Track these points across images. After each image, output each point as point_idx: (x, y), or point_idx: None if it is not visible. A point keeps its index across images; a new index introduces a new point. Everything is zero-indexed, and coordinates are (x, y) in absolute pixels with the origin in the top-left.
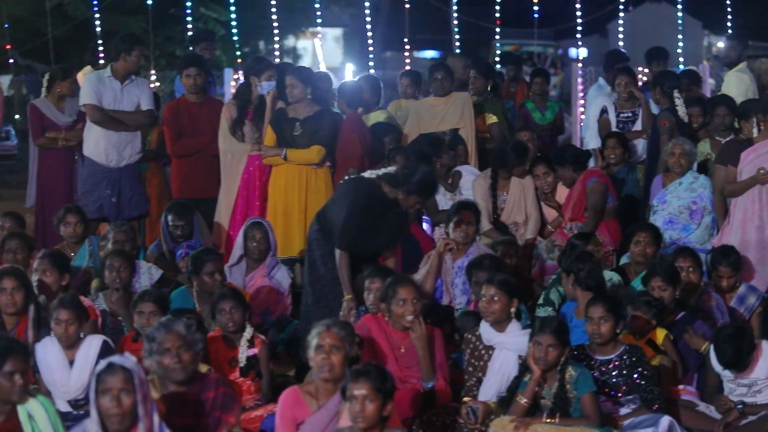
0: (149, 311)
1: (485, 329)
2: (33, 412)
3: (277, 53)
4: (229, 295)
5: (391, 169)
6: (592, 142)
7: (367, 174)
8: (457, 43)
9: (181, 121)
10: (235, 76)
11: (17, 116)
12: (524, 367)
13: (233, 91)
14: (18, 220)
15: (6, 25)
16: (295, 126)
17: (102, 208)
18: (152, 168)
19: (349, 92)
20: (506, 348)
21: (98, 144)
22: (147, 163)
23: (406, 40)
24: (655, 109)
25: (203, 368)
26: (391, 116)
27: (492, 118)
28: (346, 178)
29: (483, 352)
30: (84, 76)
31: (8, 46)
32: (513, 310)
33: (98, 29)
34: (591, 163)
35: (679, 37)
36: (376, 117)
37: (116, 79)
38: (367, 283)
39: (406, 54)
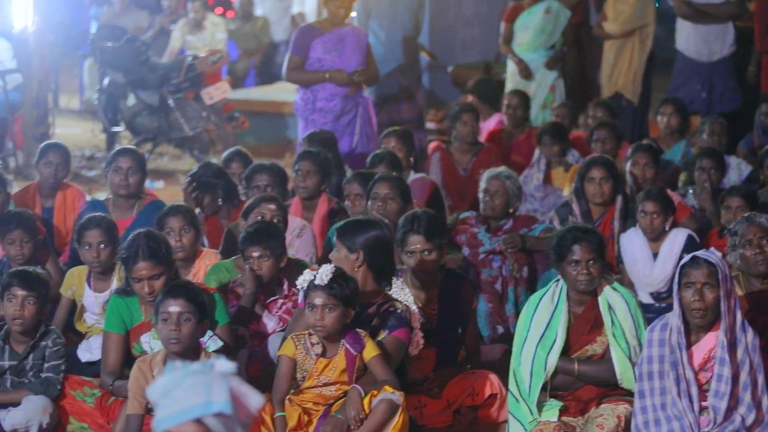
0: (736, 206)
1: None
2: (613, 302)
3: None
4: None
5: None
6: None
7: None
8: None
9: None
10: None
11: None
12: None
13: None
14: (610, 111)
15: None
16: None
17: (692, 103)
18: None
19: None
20: None
21: (689, 39)
22: None
23: None
24: None
25: None
26: None
27: None
28: None
29: None
30: None
31: None
32: None
33: None
34: None
35: None
36: None
37: None
38: None
39: None
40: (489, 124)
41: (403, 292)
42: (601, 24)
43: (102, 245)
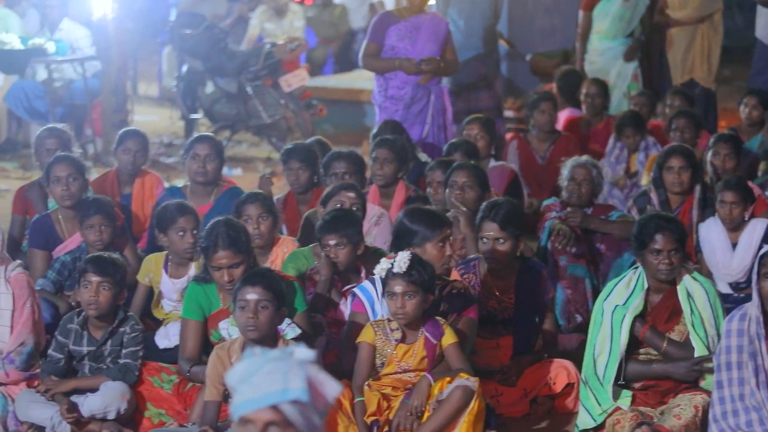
0: None
1: None
2: (693, 291)
3: None
4: None
5: None
6: None
7: None
8: None
9: None
10: None
11: None
12: None
13: None
14: (688, 100)
15: None
16: None
17: None
18: None
19: None
20: None
21: (767, 26)
22: None
23: None
24: None
25: None
26: None
27: None
28: None
29: None
30: None
31: None
32: None
33: None
34: None
35: None
36: None
37: None
38: None
39: None
40: (561, 115)
41: None
42: (664, 11)
43: (195, 230)
